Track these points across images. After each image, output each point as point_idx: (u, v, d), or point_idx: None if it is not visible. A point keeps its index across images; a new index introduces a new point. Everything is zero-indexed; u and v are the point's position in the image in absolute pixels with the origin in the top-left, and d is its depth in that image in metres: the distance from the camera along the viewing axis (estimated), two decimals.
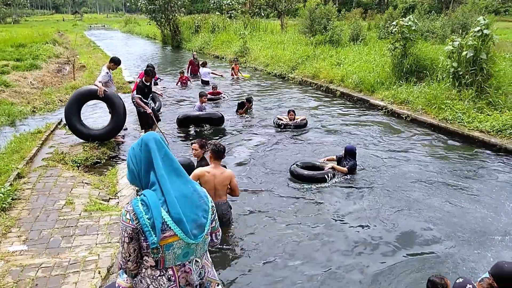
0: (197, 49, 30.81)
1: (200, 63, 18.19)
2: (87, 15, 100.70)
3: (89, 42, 35.88)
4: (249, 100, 12.16)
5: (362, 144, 9.36)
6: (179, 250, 2.57)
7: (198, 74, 17.89)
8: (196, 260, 2.72)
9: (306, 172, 7.28)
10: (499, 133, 9.08)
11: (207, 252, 2.88)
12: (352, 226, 5.85)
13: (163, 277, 2.60)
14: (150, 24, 41.67)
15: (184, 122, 10.57)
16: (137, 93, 9.12)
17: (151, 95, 9.56)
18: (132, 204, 2.52)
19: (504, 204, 6.44)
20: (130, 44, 38.95)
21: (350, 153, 7.57)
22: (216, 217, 2.86)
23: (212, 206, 2.77)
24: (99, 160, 8.34)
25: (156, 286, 2.60)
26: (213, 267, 2.97)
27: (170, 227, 2.49)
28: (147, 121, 9.32)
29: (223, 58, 26.03)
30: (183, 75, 16.86)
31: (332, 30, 21.58)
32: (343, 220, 6.02)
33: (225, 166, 6.08)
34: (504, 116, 9.45)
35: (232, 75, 18.48)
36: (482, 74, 10.74)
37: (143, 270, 2.63)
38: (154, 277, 2.60)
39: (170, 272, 2.62)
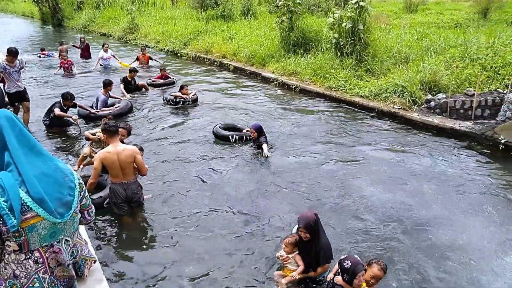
0: (81, 27, 28.75)
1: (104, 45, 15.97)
2: None
3: None
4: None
5: (258, 118, 9.59)
6: (44, 231, 2.42)
7: (98, 59, 15.71)
8: (66, 239, 2.59)
9: (227, 132, 8.04)
10: (376, 97, 9.88)
11: (80, 229, 2.74)
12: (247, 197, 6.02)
13: (29, 260, 2.45)
14: (25, 1, 37.77)
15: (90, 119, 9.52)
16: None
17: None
18: None
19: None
20: (3, 24, 34.94)
21: (256, 130, 7.54)
22: (87, 193, 2.72)
23: (80, 183, 2.64)
24: None
25: (23, 271, 2.43)
26: (88, 245, 2.85)
27: (31, 208, 2.33)
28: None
29: (110, 35, 24.65)
30: (66, 58, 14.77)
31: (223, 4, 21.46)
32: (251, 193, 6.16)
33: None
34: (380, 82, 10.30)
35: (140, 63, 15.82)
36: (360, 43, 11.54)
37: (7, 256, 2.45)
38: (19, 262, 2.44)
39: (37, 254, 2.47)
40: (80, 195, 2.64)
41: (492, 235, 5.03)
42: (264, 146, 7.39)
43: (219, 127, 8.27)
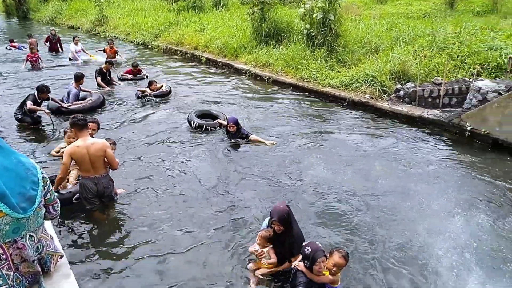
0: (48, 20, 27.92)
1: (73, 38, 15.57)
2: None
3: None
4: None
5: (230, 108, 9.56)
6: (7, 227, 2.35)
7: (73, 53, 15.21)
8: (30, 235, 2.52)
9: (198, 120, 8.22)
10: (347, 87, 9.98)
11: (45, 224, 2.67)
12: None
13: None
14: None
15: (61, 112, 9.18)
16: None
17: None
18: None
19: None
20: None
21: (235, 123, 7.59)
22: (51, 188, 2.65)
23: (44, 177, 2.56)
24: None
25: None
26: (53, 240, 2.78)
27: None
28: None
29: (78, 28, 24.04)
30: (35, 51, 14.10)
31: None
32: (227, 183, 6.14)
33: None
34: (350, 72, 10.40)
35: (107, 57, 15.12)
36: (331, 34, 11.60)
37: None
38: None
39: (0, 250, 2.38)
40: (44, 189, 2.57)
41: (444, 205, 5.48)
42: (256, 137, 7.52)
43: (194, 113, 8.44)
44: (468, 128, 7.53)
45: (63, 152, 5.78)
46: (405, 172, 6.41)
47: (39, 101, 8.51)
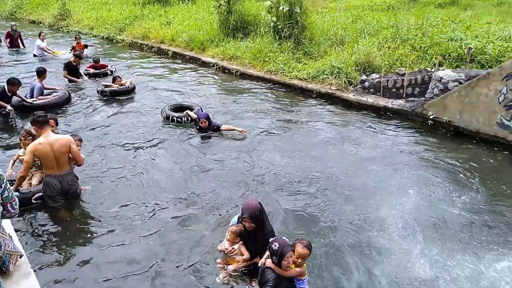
0: (7, 14, 26.90)
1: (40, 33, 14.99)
2: None
3: None
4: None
5: (197, 100, 9.50)
6: None
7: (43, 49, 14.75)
8: None
9: (167, 111, 8.28)
10: (314, 79, 10.07)
11: (3, 224, 2.59)
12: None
13: None
14: None
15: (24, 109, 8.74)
16: None
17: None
18: None
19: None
20: None
21: (207, 119, 7.64)
22: (8, 185, 2.57)
23: (0, 174, 2.47)
24: None
25: None
26: (13, 239, 2.71)
27: None
28: None
29: (40, 23, 23.27)
30: None
31: None
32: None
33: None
34: (317, 64, 10.49)
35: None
36: (297, 27, 11.66)
37: None
38: None
39: None
40: (1, 187, 2.48)
41: (399, 183, 5.86)
42: (227, 126, 7.66)
43: (168, 107, 8.50)
44: (431, 117, 7.75)
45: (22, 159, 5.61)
46: (368, 158, 6.65)
47: (9, 94, 8.25)
